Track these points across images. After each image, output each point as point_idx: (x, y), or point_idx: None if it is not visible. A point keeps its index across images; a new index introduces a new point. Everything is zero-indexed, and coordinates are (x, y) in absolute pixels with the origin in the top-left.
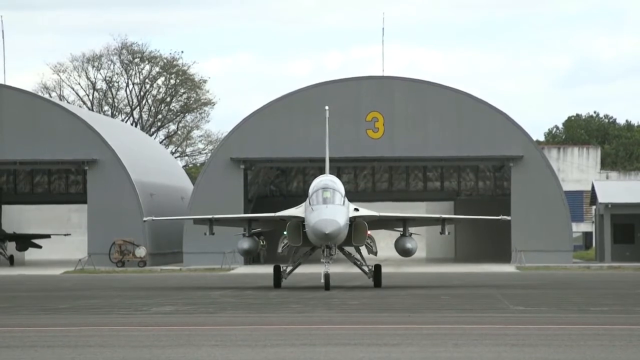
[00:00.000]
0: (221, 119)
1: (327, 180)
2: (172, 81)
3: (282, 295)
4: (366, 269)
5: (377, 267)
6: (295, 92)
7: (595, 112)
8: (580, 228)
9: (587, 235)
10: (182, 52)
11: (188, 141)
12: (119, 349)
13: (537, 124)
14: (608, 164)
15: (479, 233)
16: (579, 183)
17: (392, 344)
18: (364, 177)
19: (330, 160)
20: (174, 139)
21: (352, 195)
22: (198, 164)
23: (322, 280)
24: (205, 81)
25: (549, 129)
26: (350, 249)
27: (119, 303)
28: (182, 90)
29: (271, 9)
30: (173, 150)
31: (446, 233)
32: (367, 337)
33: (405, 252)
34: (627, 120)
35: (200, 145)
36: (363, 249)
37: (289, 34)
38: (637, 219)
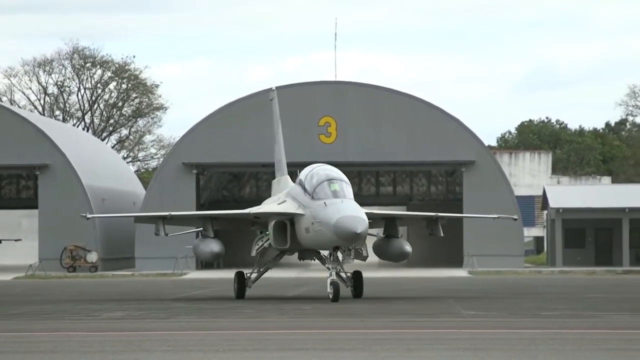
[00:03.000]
0: (175, 124)
1: (331, 171)
2: (124, 86)
3: (235, 300)
4: (344, 275)
5: (357, 275)
6: (248, 97)
7: (547, 118)
8: (531, 233)
9: (538, 240)
10: (134, 56)
11: (140, 146)
12: (70, 355)
13: (489, 130)
14: (559, 169)
15: (432, 237)
16: (531, 188)
17: (345, 349)
18: None
19: None
20: (125, 144)
21: None
22: (150, 169)
23: (329, 290)
24: (157, 86)
25: (501, 134)
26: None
27: (70, 308)
28: (134, 95)
29: (227, 14)
30: (125, 155)
31: (440, 234)
32: (320, 342)
33: (402, 256)
34: (579, 126)
35: (153, 150)
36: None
37: (245, 39)
38: (588, 223)
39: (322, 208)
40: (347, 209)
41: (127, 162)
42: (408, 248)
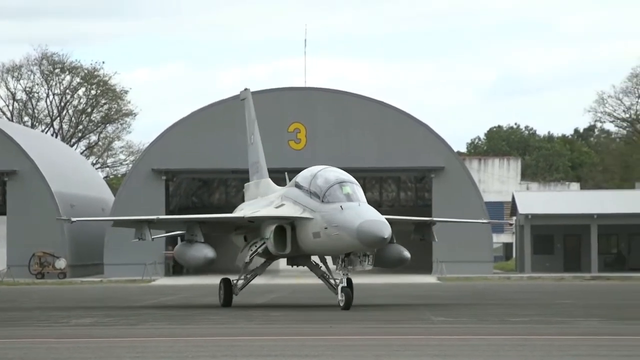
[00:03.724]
0: (144, 130)
1: (340, 173)
2: (93, 92)
3: (204, 306)
4: (333, 282)
5: (348, 282)
6: (218, 103)
7: (516, 124)
8: (500, 239)
9: (507, 246)
10: (103, 62)
11: (109, 152)
12: None
13: (459, 136)
14: (528, 175)
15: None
16: (500, 194)
17: (313, 355)
18: None
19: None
20: (94, 150)
21: None
22: (119, 175)
23: (340, 297)
24: (126, 92)
25: (470, 140)
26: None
27: (38, 315)
28: (103, 101)
29: (197, 20)
30: (94, 161)
31: (434, 239)
32: (288, 348)
33: (400, 262)
34: (548, 132)
35: (122, 156)
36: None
37: (215, 45)
38: (556, 230)
39: (338, 212)
40: (368, 213)
41: (96, 169)
42: (407, 254)
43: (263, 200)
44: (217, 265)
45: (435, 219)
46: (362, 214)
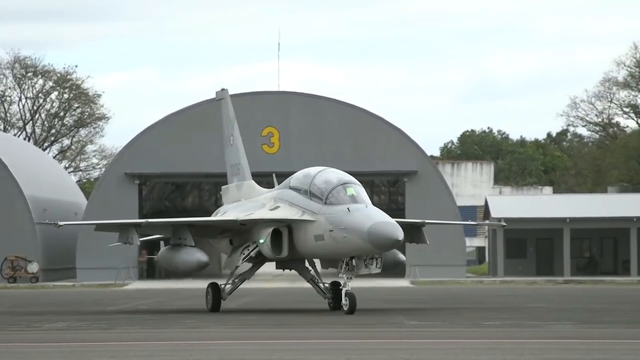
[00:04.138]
0: (117, 134)
1: (342, 174)
2: (66, 95)
3: (177, 311)
4: (322, 286)
5: (336, 285)
6: (191, 107)
7: (489, 128)
8: (473, 243)
9: (480, 250)
10: (76, 66)
11: (82, 156)
12: None
13: (432, 140)
14: (501, 179)
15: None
16: (473, 198)
17: (285, 358)
18: None
19: (225, 175)
20: (67, 154)
21: None
22: (92, 179)
23: (344, 302)
24: (99, 96)
25: (444, 144)
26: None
27: (10, 320)
28: (76, 105)
29: (170, 24)
30: (67, 165)
31: (426, 241)
32: (259, 352)
33: (395, 265)
34: (520, 136)
35: (95, 160)
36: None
37: (189, 49)
38: (529, 233)
39: (344, 214)
40: (377, 215)
41: (69, 172)
42: (402, 257)
43: (250, 203)
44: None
45: (426, 221)
46: (372, 216)
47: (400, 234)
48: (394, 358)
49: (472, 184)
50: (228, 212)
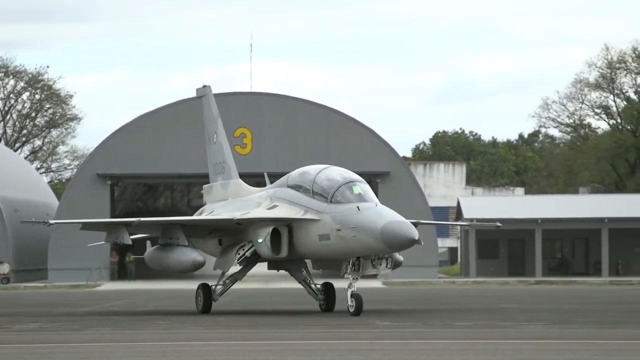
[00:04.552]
0: (90, 135)
1: (347, 172)
2: (37, 96)
3: (149, 312)
4: (314, 287)
5: (329, 287)
6: (164, 108)
7: (461, 129)
8: (445, 243)
9: (452, 251)
10: (47, 67)
11: (53, 157)
12: None
13: (404, 141)
14: (473, 179)
15: None
16: (445, 199)
17: (258, 359)
18: None
19: (198, 176)
20: (39, 155)
21: None
22: (64, 180)
23: (350, 303)
24: (71, 96)
25: (415, 145)
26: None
27: None
28: (48, 106)
29: (143, 25)
30: (38, 166)
31: (421, 242)
32: (233, 353)
33: (396, 266)
34: (492, 137)
35: (66, 161)
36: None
37: (161, 50)
38: (501, 234)
39: (353, 213)
40: (390, 214)
41: (40, 173)
42: (400, 257)
43: (240, 202)
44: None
45: (421, 221)
46: (384, 215)
47: (415, 233)
48: (367, 359)
49: (444, 185)
50: (216, 211)
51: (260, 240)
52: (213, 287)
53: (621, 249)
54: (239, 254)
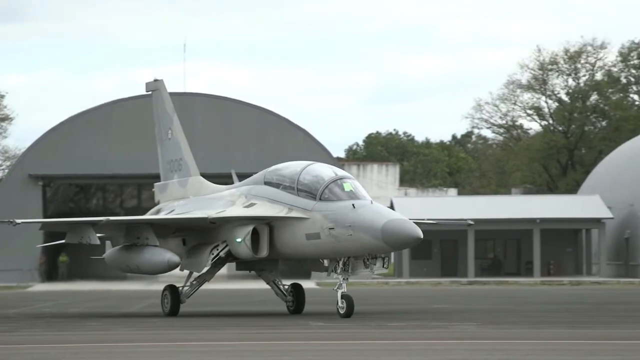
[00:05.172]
0: (21, 135)
1: (334, 168)
2: None
3: (81, 314)
4: (282, 288)
5: (298, 288)
6: (96, 108)
7: (394, 130)
8: None
9: None
10: None
11: None
12: None
13: (337, 141)
14: (407, 180)
15: None
16: (378, 199)
17: None
18: None
19: (129, 177)
20: None
21: None
22: None
23: (340, 304)
24: (2, 96)
25: (349, 146)
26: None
27: None
28: None
29: (75, 24)
30: None
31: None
32: (164, 354)
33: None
34: (426, 138)
35: None
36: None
37: (94, 50)
38: (434, 235)
39: (349, 211)
40: (389, 212)
41: None
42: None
43: (205, 200)
44: (88, 270)
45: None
46: (384, 213)
47: (420, 232)
48: (300, 359)
49: (377, 186)
50: (179, 210)
51: (239, 240)
52: (180, 288)
53: (552, 249)
54: (213, 254)
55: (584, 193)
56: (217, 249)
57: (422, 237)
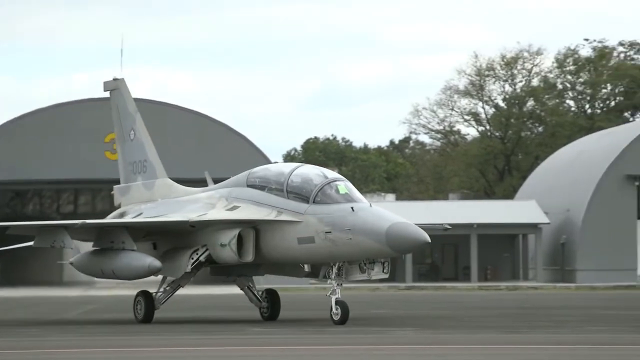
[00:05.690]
0: None
1: (325, 170)
2: None
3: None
4: (257, 294)
5: (273, 294)
6: (32, 113)
7: (332, 135)
8: None
9: None
10: None
11: None
12: None
13: (276, 146)
14: None
15: None
16: None
17: None
18: (102, 199)
19: (66, 182)
20: None
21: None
22: None
23: (335, 311)
24: None
25: (287, 151)
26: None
27: None
28: None
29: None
30: None
31: None
32: None
33: None
34: (364, 144)
35: None
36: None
37: (30, 54)
38: None
39: (347, 214)
40: (391, 215)
41: None
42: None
43: (178, 203)
44: (33, 277)
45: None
46: (386, 217)
47: (427, 236)
48: None
49: None
50: (148, 213)
51: (223, 244)
52: (154, 294)
53: (490, 254)
54: (192, 258)
55: (520, 198)
56: (197, 254)
57: (429, 241)
